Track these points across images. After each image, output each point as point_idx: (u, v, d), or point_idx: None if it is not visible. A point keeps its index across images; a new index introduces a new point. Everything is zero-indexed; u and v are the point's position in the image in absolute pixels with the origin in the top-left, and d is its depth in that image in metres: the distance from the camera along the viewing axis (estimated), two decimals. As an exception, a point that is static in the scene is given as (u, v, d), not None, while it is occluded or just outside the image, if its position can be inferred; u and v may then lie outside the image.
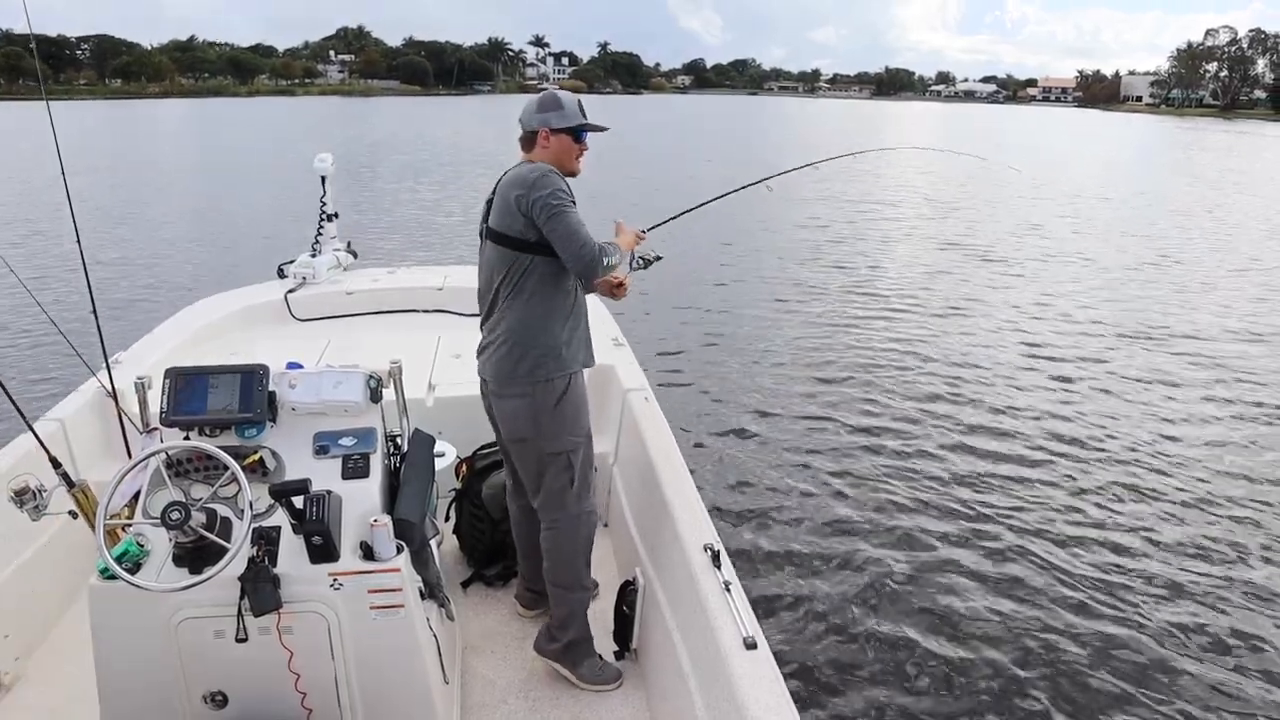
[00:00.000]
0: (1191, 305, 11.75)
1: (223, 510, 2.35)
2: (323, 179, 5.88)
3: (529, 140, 3.04)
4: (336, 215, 6.08)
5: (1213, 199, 24.02)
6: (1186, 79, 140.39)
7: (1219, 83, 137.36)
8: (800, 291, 12.01)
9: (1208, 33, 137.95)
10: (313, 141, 36.83)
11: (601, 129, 3.13)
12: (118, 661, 2.45)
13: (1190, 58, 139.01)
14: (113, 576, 2.26)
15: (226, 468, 2.31)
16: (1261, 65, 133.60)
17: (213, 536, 2.26)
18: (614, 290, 3.21)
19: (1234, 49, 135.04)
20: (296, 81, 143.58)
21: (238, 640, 2.34)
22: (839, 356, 9.15)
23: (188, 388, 2.63)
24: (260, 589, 2.32)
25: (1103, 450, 6.89)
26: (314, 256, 5.93)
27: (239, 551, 2.24)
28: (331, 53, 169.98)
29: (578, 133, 3.02)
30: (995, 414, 7.62)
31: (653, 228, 3.48)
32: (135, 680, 2.47)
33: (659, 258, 3.43)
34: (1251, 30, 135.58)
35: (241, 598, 2.32)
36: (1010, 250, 15.27)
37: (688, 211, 4.07)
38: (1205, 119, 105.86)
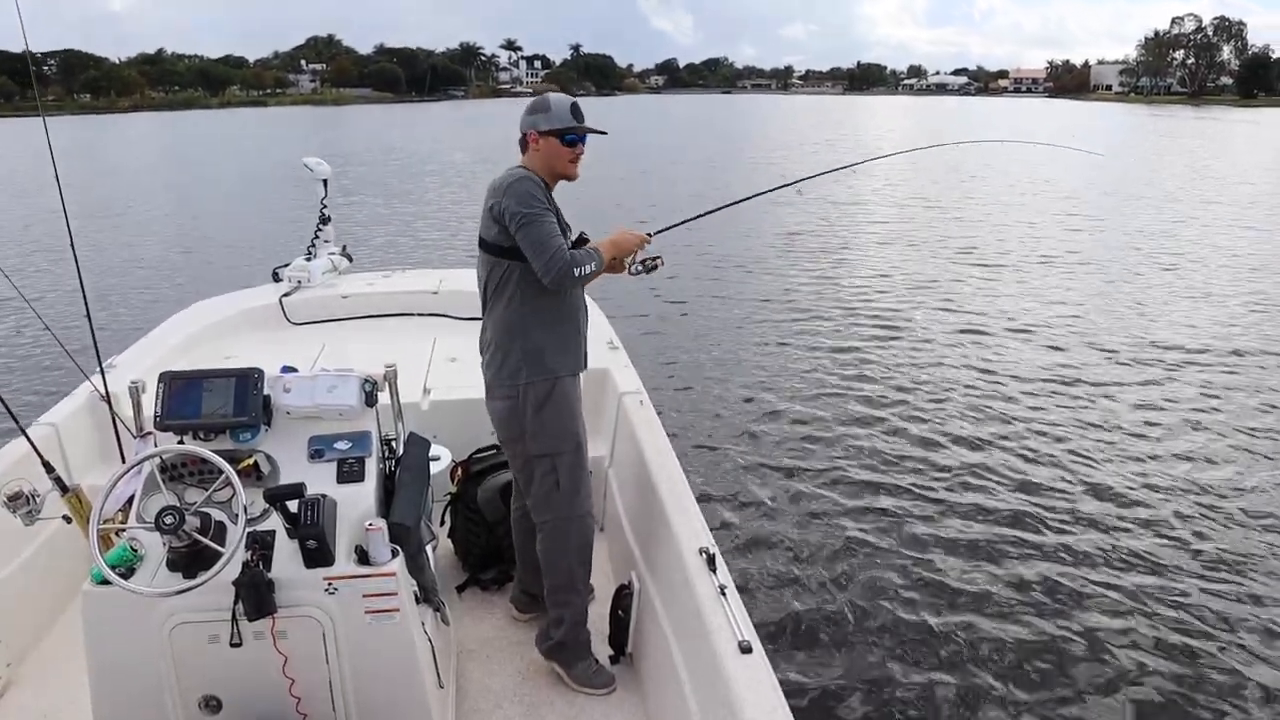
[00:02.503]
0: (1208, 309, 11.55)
1: (217, 514, 2.33)
2: (324, 182, 5.84)
3: (522, 143, 3.03)
4: (331, 218, 6.03)
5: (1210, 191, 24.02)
6: (1154, 67, 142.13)
7: (1186, 70, 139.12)
8: (800, 298, 11.90)
9: (1174, 20, 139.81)
10: (294, 150, 36.69)
11: (596, 131, 3.08)
12: (111, 666, 2.43)
13: (1158, 46, 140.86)
14: (106, 581, 2.24)
15: (221, 472, 2.29)
16: (1227, 52, 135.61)
17: (207, 541, 2.24)
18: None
19: (1200, 36, 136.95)
20: (268, 92, 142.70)
21: (232, 645, 2.33)
22: (837, 362, 9.09)
23: (182, 392, 2.61)
24: (255, 593, 2.31)
25: (1107, 455, 6.80)
26: (309, 260, 5.89)
27: (233, 556, 2.23)
28: (302, 62, 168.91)
29: (565, 136, 2.98)
30: (1000, 420, 7.50)
31: (659, 231, 3.40)
32: (129, 685, 2.45)
33: (659, 259, 3.30)
34: (1216, 18, 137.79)
35: (236, 602, 2.31)
36: (1006, 255, 14.95)
37: (704, 215, 3.84)
38: (1174, 106, 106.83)
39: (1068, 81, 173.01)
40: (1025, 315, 10.96)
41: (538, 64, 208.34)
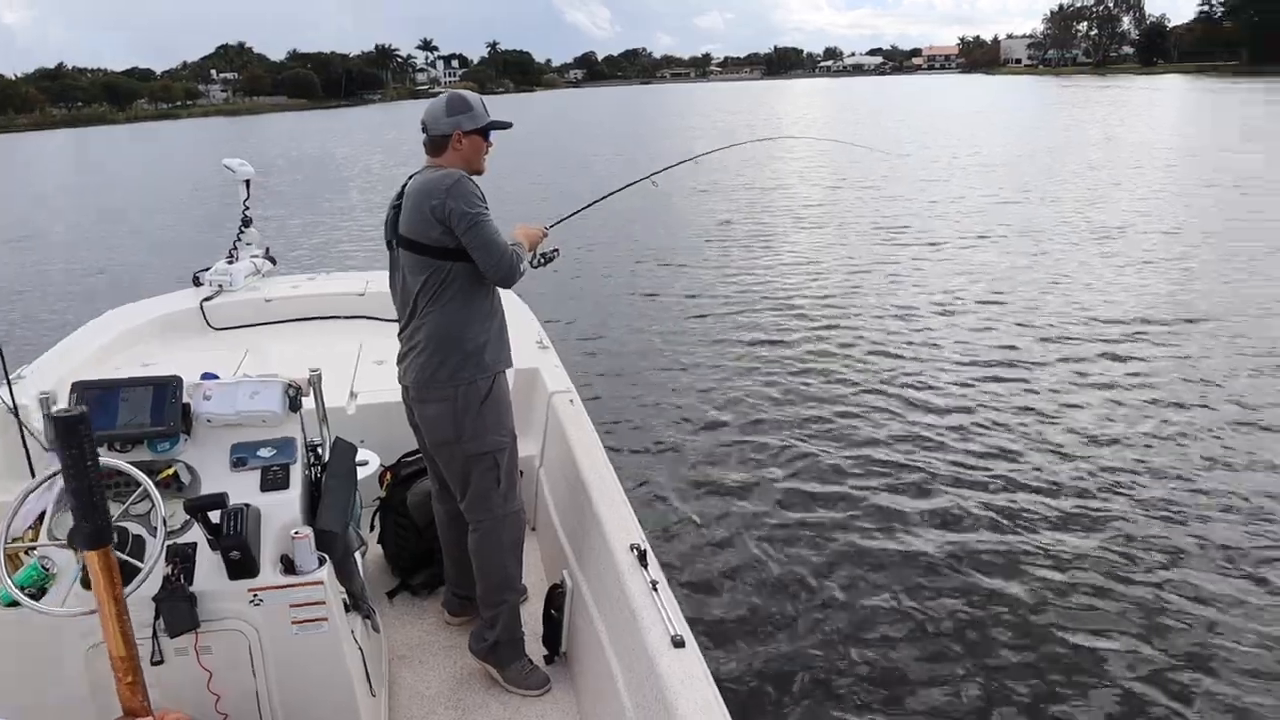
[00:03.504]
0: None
1: (135, 528, 2.29)
2: (246, 183, 5.67)
3: (438, 144, 2.99)
4: (253, 220, 5.86)
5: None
6: (1060, 39, 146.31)
7: (1090, 41, 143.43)
8: (723, 288, 11.76)
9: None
10: (210, 161, 35.87)
11: (507, 125, 3.15)
12: (26, 693, 2.36)
13: (1062, 19, 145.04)
14: (16, 603, 2.18)
15: (138, 484, 2.24)
16: (1127, 22, 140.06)
17: (125, 556, 2.19)
18: None
19: (1101, 8, 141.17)
20: (179, 104, 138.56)
21: (153, 663, 2.27)
22: (763, 352, 9.05)
23: (96, 401, 2.55)
24: (175, 608, 2.28)
25: (1048, 439, 6.63)
26: (231, 263, 5.71)
27: (153, 570, 2.18)
28: (213, 71, 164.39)
29: (486, 132, 3.02)
30: (935, 402, 7.42)
31: (555, 224, 3.53)
32: (45, 712, 2.38)
33: (556, 250, 3.47)
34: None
35: (156, 618, 2.27)
36: (934, 233, 14.85)
37: (586, 207, 4.12)
38: (1081, 76, 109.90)
39: (979, 56, 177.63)
40: (957, 295, 10.89)
41: (455, 63, 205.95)
